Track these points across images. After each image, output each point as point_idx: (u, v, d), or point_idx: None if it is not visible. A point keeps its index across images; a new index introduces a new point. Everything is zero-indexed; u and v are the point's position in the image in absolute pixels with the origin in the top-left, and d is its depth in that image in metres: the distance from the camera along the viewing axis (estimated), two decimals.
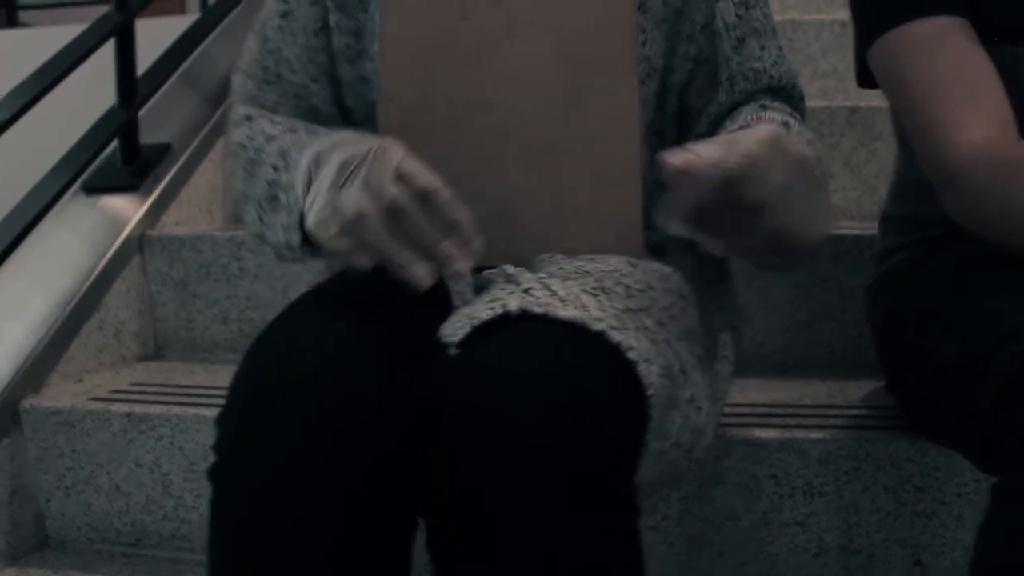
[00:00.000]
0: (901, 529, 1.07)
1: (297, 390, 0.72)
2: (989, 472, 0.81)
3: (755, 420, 1.12)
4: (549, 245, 0.84)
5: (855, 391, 1.23)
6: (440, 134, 0.84)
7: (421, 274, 0.72)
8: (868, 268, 1.15)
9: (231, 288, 1.55)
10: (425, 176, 0.72)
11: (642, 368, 0.71)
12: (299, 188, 0.79)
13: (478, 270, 0.78)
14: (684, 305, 0.85)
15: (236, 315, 1.56)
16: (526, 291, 0.74)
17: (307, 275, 1.15)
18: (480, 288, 0.81)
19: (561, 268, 0.80)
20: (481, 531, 0.68)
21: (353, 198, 0.71)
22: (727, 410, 1.10)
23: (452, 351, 0.72)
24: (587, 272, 0.78)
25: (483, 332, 0.72)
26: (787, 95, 0.96)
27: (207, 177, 1.78)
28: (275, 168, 0.86)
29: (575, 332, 0.70)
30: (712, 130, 0.95)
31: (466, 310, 0.75)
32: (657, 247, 0.98)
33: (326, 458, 0.71)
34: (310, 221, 0.74)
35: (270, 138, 0.89)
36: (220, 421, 0.76)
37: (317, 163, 0.77)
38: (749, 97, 0.95)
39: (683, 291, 0.86)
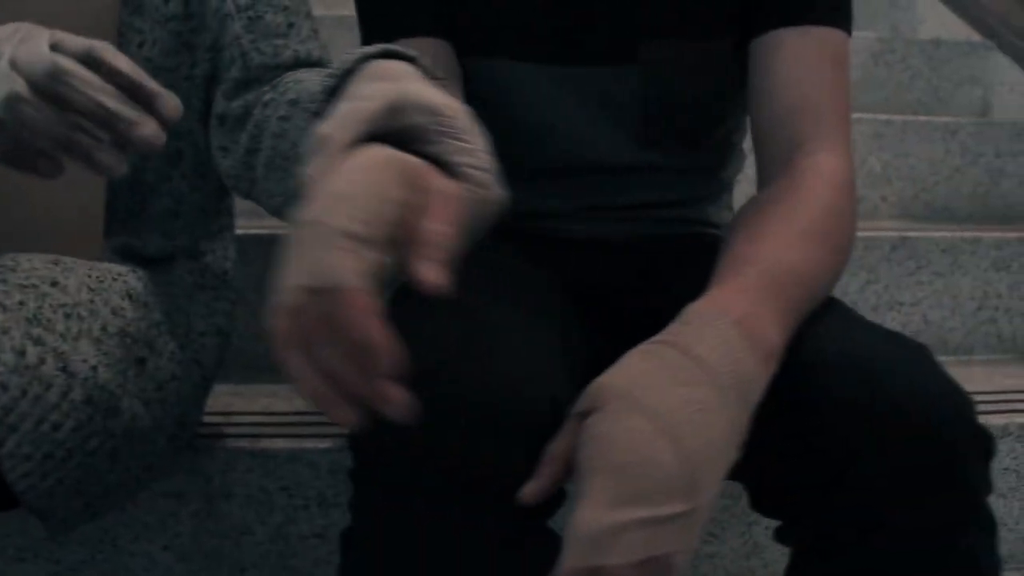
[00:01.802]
0: None
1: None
2: None
3: (268, 430, 1.09)
4: None
5: None
6: None
7: (111, 161, 0.62)
8: None
9: None
10: (83, 40, 0.61)
11: None
12: None
13: None
14: (117, 306, 0.80)
15: None
16: None
17: None
18: None
19: None
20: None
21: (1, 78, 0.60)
22: (237, 419, 1.07)
23: None
24: None
25: None
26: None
27: None
28: None
29: None
30: (227, 105, 0.91)
31: None
32: (153, 256, 0.94)
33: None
34: None
35: None
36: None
37: None
38: (269, 73, 0.91)
39: (130, 291, 0.81)
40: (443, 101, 0.62)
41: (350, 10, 1.01)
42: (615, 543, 0.60)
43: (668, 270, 0.97)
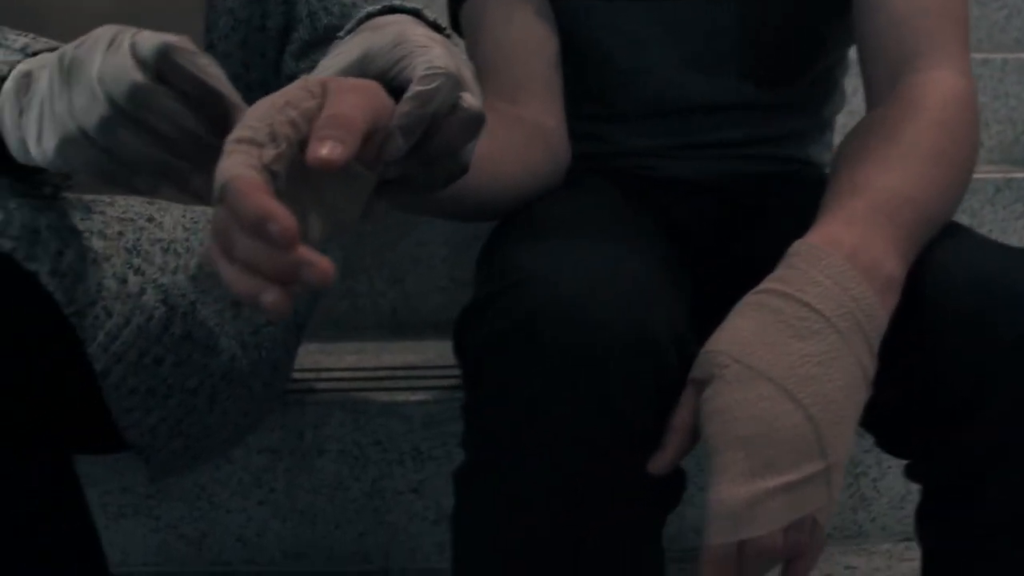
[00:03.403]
0: None
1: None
2: None
3: (363, 384, 1.08)
4: None
5: None
6: None
7: (205, 189, 0.55)
8: None
9: None
10: (157, 40, 0.55)
11: (50, 281, 0.64)
12: None
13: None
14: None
15: None
16: None
17: None
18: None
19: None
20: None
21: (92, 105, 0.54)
22: (327, 375, 1.06)
23: None
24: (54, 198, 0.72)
25: None
26: None
27: None
28: None
29: None
30: (296, 66, 0.89)
31: None
32: None
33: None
34: (45, 146, 0.57)
35: None
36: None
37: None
38: (338, 33, 0.89)
39: None
40: (413, 40, 0.58)
41: None
42: (756, 515, 0.59)
43: (769, 210, 0.93)
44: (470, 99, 0.57)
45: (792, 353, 0.61)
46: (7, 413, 0.64)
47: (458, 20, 0.95)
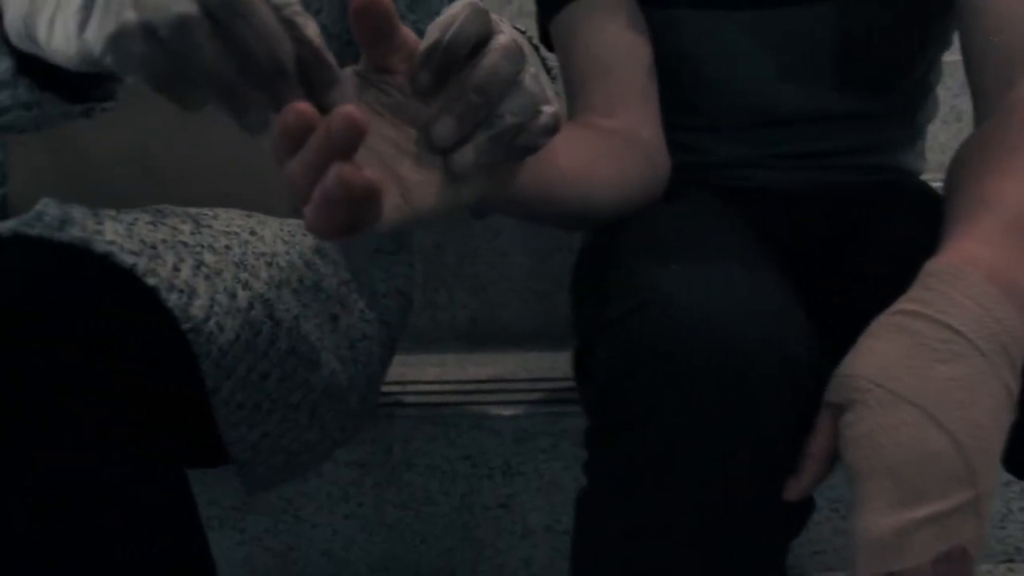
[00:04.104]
0: None
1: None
2: None
3: (451, 397, 1.06)
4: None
5: None
6: None
7: (258, 123, 0.49)
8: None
9: None
10: None
11: (169, 296, 0.63)
12: None
13: None
14: (310, 260, 0.79)
15: None
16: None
17: None
18: None
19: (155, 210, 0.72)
20: None
21: None
22: (412, 388, 1.05)
23: None
24: (161, 211, 0.71)
25: None
26: None
27: None
28: None
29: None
30: None
31: None
32: None
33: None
34: (90, 37, 0.49)
35: None
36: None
37: None
38: None
39: (319, 248, 0.80)
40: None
41: None
42: (906, 546, 0.57)
43: (872, 221, 0.90)
44: (548, 108, 0.53)
45: (937, 377, 0.59)
46: (130, 428, 0.63)
47: (547, 34, 0.94)
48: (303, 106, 0.46)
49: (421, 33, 0.88)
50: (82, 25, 0.49)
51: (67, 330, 0.59)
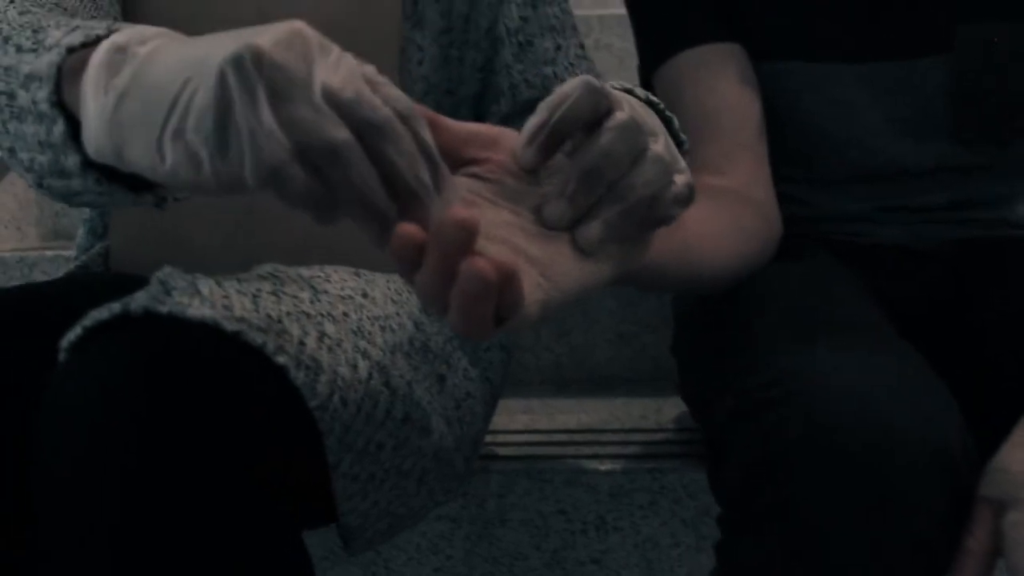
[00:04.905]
0: (704, 563, 1.00)
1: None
2: None
3: (543, 449, 1.04)
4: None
5: (671, 409, 1.15)
6: None
7: (385, 237, 0.47)
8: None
9: None
10: (396, 89, 0.49)
11: (297, 375, 0.62)
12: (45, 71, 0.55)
13: None
14: (418, 320, 0.77)
15: None
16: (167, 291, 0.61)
17: None
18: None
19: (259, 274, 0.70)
20: None
21: (325, 118, 0.45)
22: (515, 438, 1.03)
23: None
24: (278, 276, 0.69)
25: None
26: None
27: (15, 191, 1.68)
28: (19, 49, 0.58)
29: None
30: None
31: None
32: None
33: None
34: (236, 166, 0.46)
35: (23, 12, 0.64)
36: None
37: (124, 51, 0.50)
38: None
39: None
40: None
41: (619, 7, 0.96)
42: None
43: (985, 280, 0.87)
44: (681, 178, 0.52)
45: None
46: (258, 505, 0.62)
47: (650, 84, 0.91)
48: (404, 229, 0.45)
49: (528, 84, 0.87)
50: (217, 149, 0.46)
51: (203, 410, 0.58)
